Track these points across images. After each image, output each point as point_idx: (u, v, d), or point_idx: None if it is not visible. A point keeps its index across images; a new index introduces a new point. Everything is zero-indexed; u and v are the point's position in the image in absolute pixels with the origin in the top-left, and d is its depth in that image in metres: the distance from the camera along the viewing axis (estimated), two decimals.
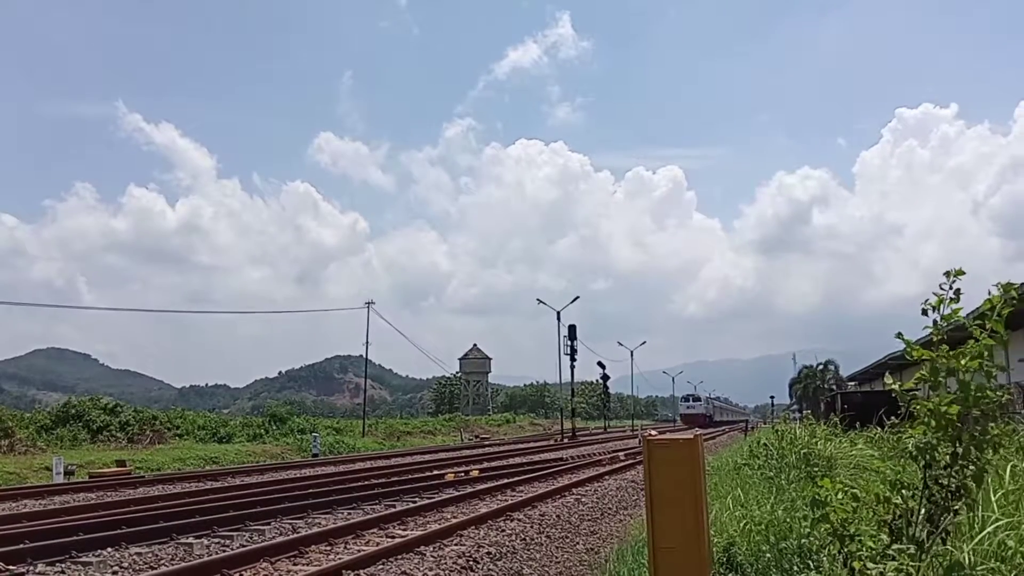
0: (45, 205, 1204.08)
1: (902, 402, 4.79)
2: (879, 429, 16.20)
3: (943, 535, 4.45)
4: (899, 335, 4.99)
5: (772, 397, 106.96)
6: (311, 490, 17.37)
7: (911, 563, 4.20)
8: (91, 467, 24.69)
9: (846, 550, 4.63)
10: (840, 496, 4.76)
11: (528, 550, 11.39)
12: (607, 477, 21.36)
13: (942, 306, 4.64)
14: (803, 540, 6.71)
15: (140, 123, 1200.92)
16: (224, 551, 10.80)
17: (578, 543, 12.36)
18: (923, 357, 4.63)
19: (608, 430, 76.71)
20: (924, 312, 4.68)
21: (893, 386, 4.93)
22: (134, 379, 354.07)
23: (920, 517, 4.51)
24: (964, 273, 4.65)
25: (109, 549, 10.94)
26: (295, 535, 11.72)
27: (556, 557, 11.24)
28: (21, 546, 10.61)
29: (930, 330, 4.81)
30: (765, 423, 75.08)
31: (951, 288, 4.64)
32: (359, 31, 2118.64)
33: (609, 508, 16.00)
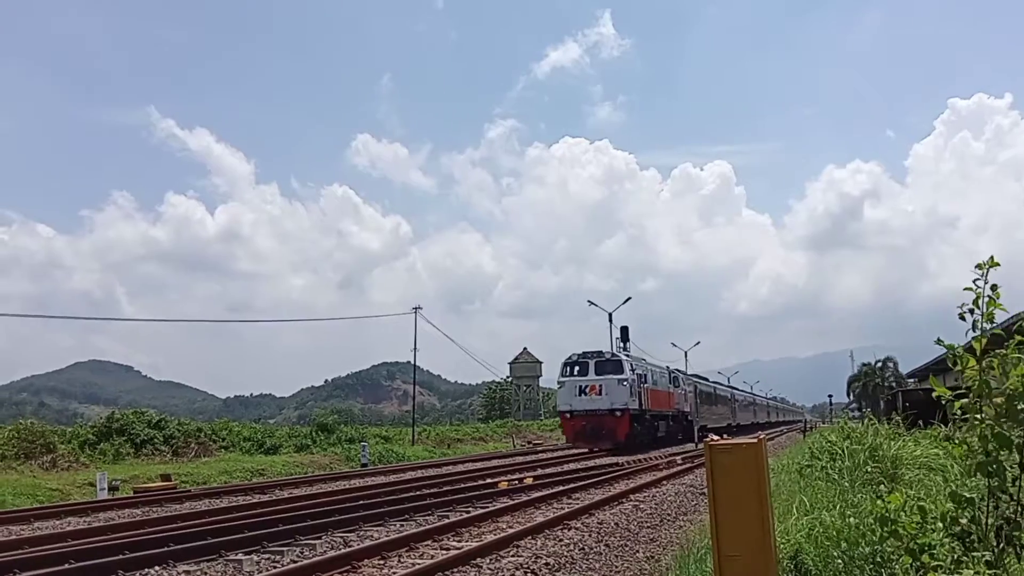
0: (83, 215, 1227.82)
1: (952, 413, 4.36)
2: (943, 428, 15.57)
3: (1017, 549, 4.00)
4: (939, 341, 4.53)
5: (830, 396, 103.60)
6: (362, 501, 17.03)
7: (987, 571, 3.87)
8: (135, 482, 24.60)
9: (918, 563, 4.34)
10: (909, 511, 4.40)
11: (587, 560, 10.97)
12: (665, 482, 20.83)
13: (980, 303, 4.13)
14: (876, 548, 6.31)
15: (174, 129, 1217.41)
16: (275, 567, 10.50)
17: (638, 551, 11.88)
18: (969, 367, 4.15)
19: None
20: (961, 317, 4.20)
21: (942, 393, 4.46)
22: (177, 390, 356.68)
23: (989, 530, 4.10)
24: (998, 264, 4.12)
25: (157, 567, 10.63)
26: (347, 549, 11.37)
27: (616, 566, 10.77)
28: (67, 566, 10.36)
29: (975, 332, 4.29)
30: (824, 422, 73.52)
31: (985, 281, 4.12)
32: (396, 34, 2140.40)
33: (668, 514, 15.48)
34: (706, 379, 63.57)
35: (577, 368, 38.70)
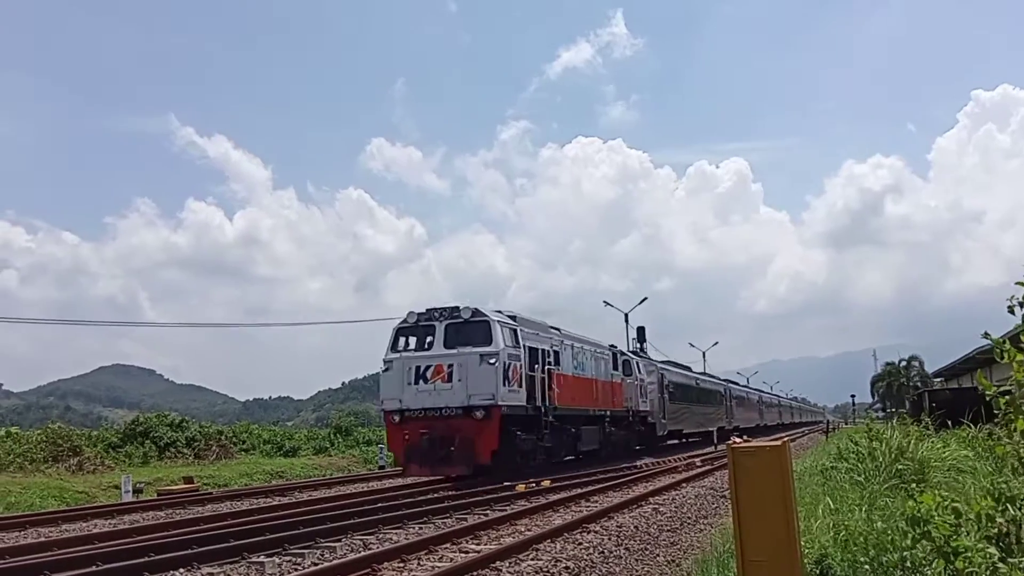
0: (106, 222, 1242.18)
1: (997, 409, 4.32)
2: (972, 428, 15.39)
3: None
4: (986, 335, 4.51)
5: (853, 396, 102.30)
6: (380, 504, 17.06)
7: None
8: (159, 484, 24.79)
9: (952, 567, 4.27)
10: (942, 511, 4.34)
11: (607, 564, 10.91)
12: (684, 485, 20.70)
13: None
14: (906, 553, 6.24)
15: (193, 136, 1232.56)
16: (297, 569, 10.56)
17: (658, 555, 11.81)
18: (1018, 362, 4.13)
19: None
20: (1011, 310, 4.19)
21: (988, 389, 4.42)
22: (198, 393, 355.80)
23: None
24: None
25: (181, 570, 10.71)
26: (367, 552, 11.37)
27: (636, 570, 10.72)
28: (94, 568, 10.48)
29: (1019, 325, 4.29)
30: (846, 423, 72.43)
31: None
32: (410, 38, 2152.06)
33: (688, 517, 15.39)
34: (688, 368, 51.05)
35: (418, 337, 22.21)
